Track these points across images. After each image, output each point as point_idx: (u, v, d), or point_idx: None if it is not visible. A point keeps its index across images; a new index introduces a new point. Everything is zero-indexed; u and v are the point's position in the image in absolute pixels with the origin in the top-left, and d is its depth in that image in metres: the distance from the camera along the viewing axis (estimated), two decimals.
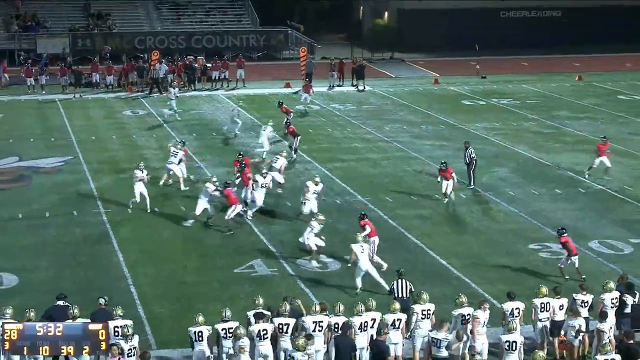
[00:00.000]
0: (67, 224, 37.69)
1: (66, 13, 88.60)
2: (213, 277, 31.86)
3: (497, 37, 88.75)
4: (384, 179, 44.11)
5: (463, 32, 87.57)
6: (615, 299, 25.74)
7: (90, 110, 62.06)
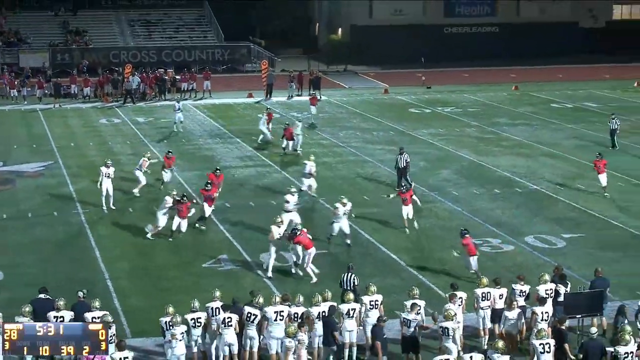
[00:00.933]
0: (49, 224, 37.55)
1: (46, 30, 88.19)
2: (183, 272, 31.80)
3: (441, 51, 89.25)
4: (339, 180, 44.17)
5: (410, 46, 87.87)
6: (550, 290, 25.89)
7: (69, 119, 61.78)
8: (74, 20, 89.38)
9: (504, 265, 31.78)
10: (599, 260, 31.53)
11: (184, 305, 24.71)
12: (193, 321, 23.98)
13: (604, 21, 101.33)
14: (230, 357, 24.02)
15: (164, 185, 41.65)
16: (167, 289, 30.02)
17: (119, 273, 31.48)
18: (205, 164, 47.87)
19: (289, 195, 35.46)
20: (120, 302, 28.80)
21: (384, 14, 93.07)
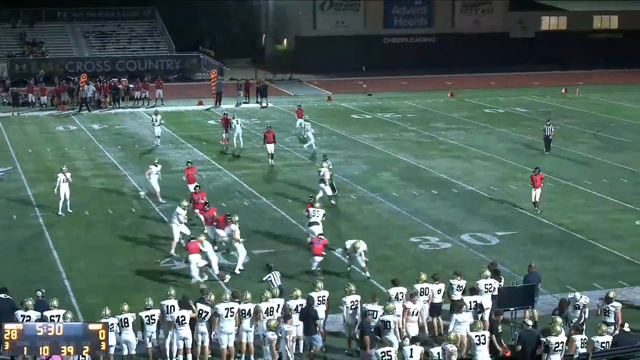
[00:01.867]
0: (8, 226, 37.20)
1: (4, 41, 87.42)
2: (138, 271, 31.61)
3: (380, 60, 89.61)
4: (285, 183, 44.14)
5: (352, 55, 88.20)
6: (490, 284, 26.10)
7: (27, 127, 61.25)
8: (31, 32, 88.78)
9: (442, 262, 31.90)
10: (530, 256, 31.77)
11: (139, 303, 24.57)
12: (147, 318, 23.84)
13: (534, 32, 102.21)
14: (184, 351, 23.94)
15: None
16: (123, 287, 29.81)
17: (76, 273, 31.24)
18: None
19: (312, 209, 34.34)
20: (77, 301, 28.56)
21: (327, 25, 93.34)
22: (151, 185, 40.33)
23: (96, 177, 46.07)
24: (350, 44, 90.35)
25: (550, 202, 40.13)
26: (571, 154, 51.40)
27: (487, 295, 25.94)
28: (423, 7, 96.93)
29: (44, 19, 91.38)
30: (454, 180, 45.06)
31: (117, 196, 42.17)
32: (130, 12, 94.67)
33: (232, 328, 24.05)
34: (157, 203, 39.69)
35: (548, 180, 43.66)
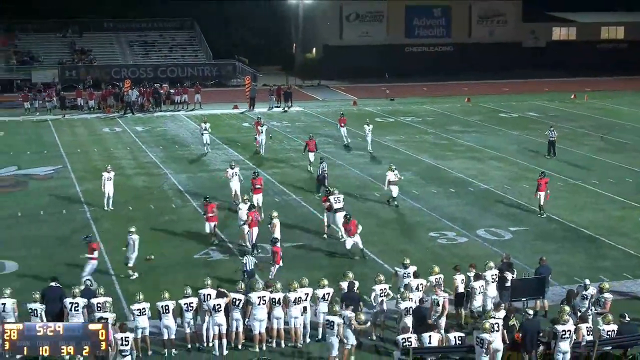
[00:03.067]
0: (58, 221, 37.36)
1: (56, 49, 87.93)
2: (177, 261, 31.71)
3: (402, 67, 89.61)
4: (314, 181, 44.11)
5: (375, 63, 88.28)
6: (495, 275, 26.08)
7: (76, 128, 61.52)
8: (80, 41, 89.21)
9: (458, 255, 31.83)
10: (540, 250, 31.67)
11: (178, 292, 24.66)
12: (186, 305, 23.95)
13: (545, 41, 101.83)
14: (219, 336, 24.02)
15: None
16: (162, 276, 29.90)
17: (120, 263, 31.33)
18: (196, 168, 47.87)
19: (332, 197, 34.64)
20: (121, 289, 28.69)
21: (352, 35, 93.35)
22: (233, 186, 39.43)
23: (139, 175, 46.23)
24: (374, 52, 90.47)
25: (559, 200, 39.93)
26: (578, 155, 51.13)
27: (493, 285, 25.99)
28: (442, 19, 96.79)
29: (92, 29, 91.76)
30: (470, 179, 44.94)
31: (158, 193, 42.31)
32: (171, 22, 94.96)
33: (264, 315, 24.18)
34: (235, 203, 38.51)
35: (557, 179, 43.56)
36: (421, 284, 25.50)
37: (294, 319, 24.38)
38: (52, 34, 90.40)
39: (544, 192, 37.83)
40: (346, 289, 24.70)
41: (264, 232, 32.14)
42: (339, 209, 34.19)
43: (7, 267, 30.89)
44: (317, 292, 24.75)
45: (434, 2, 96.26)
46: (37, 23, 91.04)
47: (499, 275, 26.24)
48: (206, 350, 24.14)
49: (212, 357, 23.86)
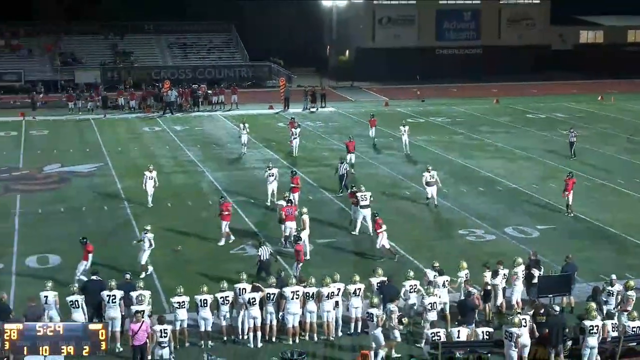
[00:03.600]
0: (99, 216, 37.59)
1: (98, 51, 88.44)
2: (213, 256, 31.80)
3: (433, 69, 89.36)
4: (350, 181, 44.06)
5: (407, 65, 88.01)
6: (522, 271, 26.01)
7: (117, 128, 61.87)
8: (121, 43, 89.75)
9: (486, 252, 31.69)
10: (567, 248, 31.42)
11: (215, 286, 24.74)
12: (222, 299, 24.04)
13: (572, 44, 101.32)
14: (254, 329, 24.08)
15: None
16: (200, 271, 29.99)
17: (159, 258, 31.47)
18: (232, 166, 48.00)
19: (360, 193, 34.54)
20: (160, 283, 28.81)
21: (385, 38, 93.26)
22: (270, 186, 38.94)
23: (178, 173, 46.40)
24: (405, 55, 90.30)
25: (585, 199, 39.70)
26: (605, 155, 50.80)
27: (519, 282, 26.05)
28: (472, 22, 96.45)
29: (132, 32, 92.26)
30: (498, 178, 44.75)
31: (196, 190, 42.46)
32: (209, 25, 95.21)
33: (297, 309, 24.23)
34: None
35: (584, 179, 43.28)
36: (446, 281, 25.42)
37: (326, 313, 24.43)
38: (95, 36, 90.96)
39: (571, 192, 37.58)
40: (386, 280, 25.03)
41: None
42: (365, 205, 34.17)
43: (50, 261, 31.13)
44: (349, 287, 24.77)
45: (464, 5, 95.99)
46: (80, 26, 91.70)
47: (526, 272, 26.16)
48: (241, 343, 24.21)
49: (246, 349, 23.93)
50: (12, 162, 49.02)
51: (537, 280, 25.67)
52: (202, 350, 23.35)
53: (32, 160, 49.54)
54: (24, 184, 44.09)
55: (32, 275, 29.69)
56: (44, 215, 37.80)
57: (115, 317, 23.71)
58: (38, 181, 44.82)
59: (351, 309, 24.84)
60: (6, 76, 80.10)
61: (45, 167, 47.82)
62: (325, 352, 23.81)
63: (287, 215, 32.61)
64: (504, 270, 26.04)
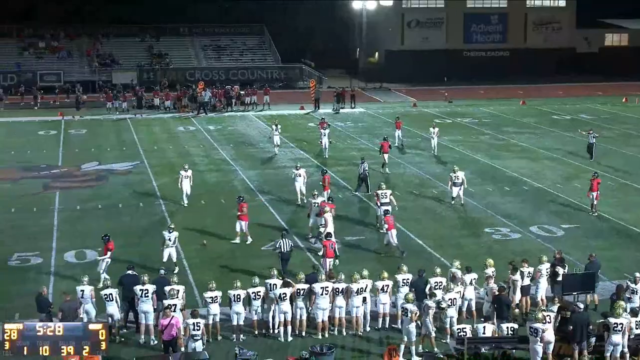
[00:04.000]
0: (135, 213, 37.79)
1: (135, 53, 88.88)
2: (245, 253, 31.88)
3: (460, 71, 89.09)
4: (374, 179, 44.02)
5: (435, 67, 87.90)
6: (547, 269, 25.93)
7: (152, 127, 62.14)
8: (157, 45, 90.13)
9: (512, 251, 31.59)
10: (591, 247, 31.32)
11: (246, 281, 24.83)
12: (254, 294, 24.14)
13: (598, 47, 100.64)
14: (284, 323, 24.15)
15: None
16: (232, 266, 30.09)
17: (192, 253, 31.64)
18: (264, 165, 48.11)
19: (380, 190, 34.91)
20: (193, 278, 28.93)
21: (413, 40, 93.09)
22: (298, 185, 38.97)
23: (211, 171, 46.56)
24: (433, 57, 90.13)
25: (609, 199, 39.45)
26: (629, 155, 50.45)
27: (544, 279, 26.03)
28: (499, 25, 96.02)
29: (168, 34, 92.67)
30: (524, 178, 44.56)
31: (229, 188, 42.58)
32: (242, 28, 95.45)
33: (326, 304, 24.27)
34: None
35: (608, 179, 43.01)
36: (474, 279, 25.34)
37: (355, 309, 24.49)
38: (131, 38, 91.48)
39: (596, 192, 37.34)
40: (417, 275, 25.26)
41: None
42: (385, 203, 34.30)
43: (88, 256, 31.33)
44: (377, 283, 24.80)
45: (491, 9, 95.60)
46: (118, 28, 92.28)
47: (551, 270, 26.08)
48: (272, 337, 24.28)
49: (277, 343, 23.99)
50: (52, 161, 49.37)
51: (561, 278, 25.57)
52: (233, 344, 23.46)
53: (70, 159, 49.89)
54: (63, 181, 44.41)
55: (70, 270, 29.92)
56: (82, 211, 38.06)
57: (148, 311, 23.89)
58: (76, 179, 45.14)
59: (379, 304, 24.88)
60: (47, 77, 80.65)
61: (83, 165, 48.16)
62: (353, 346, 23.84)
63: (322, 211, 32.64)
64: (529, 269, 25.94)
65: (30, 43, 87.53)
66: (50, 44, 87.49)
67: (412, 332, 22.84)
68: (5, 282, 28.77)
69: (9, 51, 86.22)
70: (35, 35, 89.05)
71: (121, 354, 23.05)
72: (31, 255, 31.62)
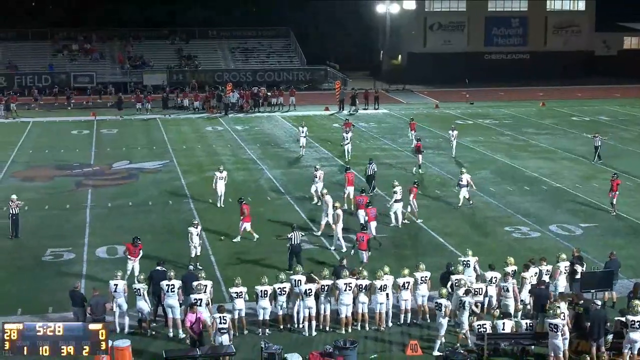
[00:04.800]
0: (165, 210, 37.91)
1: (164, 55, 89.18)
2: (270, 249, 31.89)
3: (481, 73, 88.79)
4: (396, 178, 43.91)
5: (456, 69, 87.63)
6: (566, 267, 25.82)
7: (181, 127, 62.30)
8: (187, 48, 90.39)
9: (531, 249, 31.45)
10: (609, 246, 31.12)
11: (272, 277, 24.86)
12: (279, 290, 24.16)
13: (616, 50, 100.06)
14: (309, 318, 24.16)
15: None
16: (258, 262, 30.14)
17: (220, 250, 31.70)
18: (291, 164, 48.17)
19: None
20: (221, 274, 28.99)
21: (435, 43, 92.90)
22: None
23: (239, 170, 46.61)
24: (455, 59, 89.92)
25: (628, 199, 39.24)
26: None
27: (563, 276, 25.81)
28: (519, 28, 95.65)
29: (197, 37, 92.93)
30: (543, 178, 44.37)
31: (255, 187, 42.64)
32: (269, 31, 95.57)
33: (350, 300, 24.27)
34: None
35: (626, 179, 42.75)
36: (495, 277, 25.16)
37: (379, 305, 24.49)
38: (161, 41, 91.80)
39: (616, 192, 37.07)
40: (445, 268, 25.73)
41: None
42: (398, 200, 34.84)
43: (119, 252, 31.45)
44: (398, 280, 24.76)
45: (512, 12, 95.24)
46: (148, 31, 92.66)
47: (570, 267, 25.95)
48: (296, 331, 24.31)
49: (302, 338, 24.01)
50: (84, 159, 49.63)
51: (580, 276, 25.44)
52: (260, 338, 23.50)
53: (102, 157, 50.14)
54: (95, 179, 44.63)
55: (102, 265, 30.08)
56: (113, 209, 38.24)
57: (174, 305, 23.97)
58: (108, 177, 45.36)
59: (400, 301, 24.85)
60: (80, 78, 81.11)
61: (114, 164, 48.38)
62: (376, 341, 23.83)
63: (359, 204, 33.47)
64: (547, 267, 25.79)
65: (65, 45, 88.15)
66: (83, 46, 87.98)
67: (443, 327, 22.85)
68: (39, 277, 28.95)
69: (44, 53, 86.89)
70: (68, 37, 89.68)
71: (151, 347, 23.18)
72: (64, 250, 31.81)
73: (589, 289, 24.73)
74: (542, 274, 25.62)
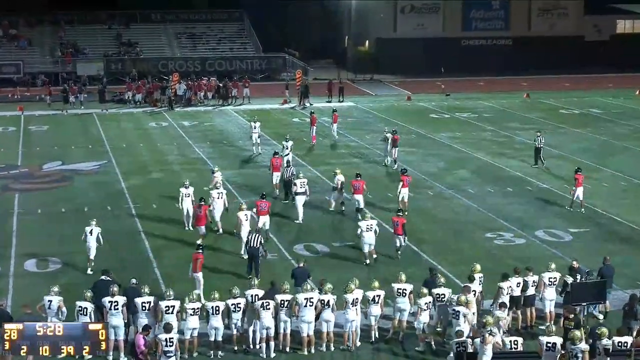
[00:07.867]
0: (103, 217, 37.51)
1: (101, 41, 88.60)
2: (223, 261, 31.83)
3: (458, 61, 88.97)
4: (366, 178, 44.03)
5: (430, 57, 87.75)
6: (552, 278, 25.98)
7: (122, 123, 62.02)
8: (126, 33, 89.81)
9: (515, 257, 31.64)
10: (601, 252, 31.21)
11: (225, 292, 24.77)
12: (233, 306, 24.07)
13: (608, 35, 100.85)
14: (267, 338, 24.11)
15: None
16: (210, 277, 30.03)
17: (165, 261, 31.59)
18: (244, 164, 48.10)
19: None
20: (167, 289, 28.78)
21: (407, 28, 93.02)
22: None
23: (187, 171, 46.36)
24: (429, 46, 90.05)
25: (621, 200, 39.67)
26: None
27: (552, 288, 26.04)
28: (500, 11, 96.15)
29: (138, 21, 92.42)
30: (528, 178, 44.67)
31: (206, 190, 42.46)
32: (220, 14, 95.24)
33: (311, 317, 24.22)
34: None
35: (620, 179, 43.14)
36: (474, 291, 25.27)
37: (350, 323, 24.47)
38: (98, 25, 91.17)
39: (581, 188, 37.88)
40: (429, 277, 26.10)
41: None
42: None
43: (51, 265, 31.22)
44: (368, 294, 24.76)
45: None
46: (82, 14, 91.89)
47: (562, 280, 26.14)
48: (253, 353, 24.26)
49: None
50: (11, 160, 49.25)
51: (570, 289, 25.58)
52: None
53: (31, 158, 49.79)
54: (23, 182, 44.31)
55: (31, 279, 29.84)
56: (44, 215, 37.98)
57: (118, 326, 23.80)
58: (37, 180, 45.05)
59: (369, 317, 24.84)
60: (4, 68, 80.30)
61: (45, 165, 48.05)
62: None
63: (356, 189, 36.74)
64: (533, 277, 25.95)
65: None
66: (8, 32, 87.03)
67: (463, 332, 22.95)
68: None
69: None
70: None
71: None
72: None
73: (579, 301, 24.87)
74: (528, 285, 25.78)
